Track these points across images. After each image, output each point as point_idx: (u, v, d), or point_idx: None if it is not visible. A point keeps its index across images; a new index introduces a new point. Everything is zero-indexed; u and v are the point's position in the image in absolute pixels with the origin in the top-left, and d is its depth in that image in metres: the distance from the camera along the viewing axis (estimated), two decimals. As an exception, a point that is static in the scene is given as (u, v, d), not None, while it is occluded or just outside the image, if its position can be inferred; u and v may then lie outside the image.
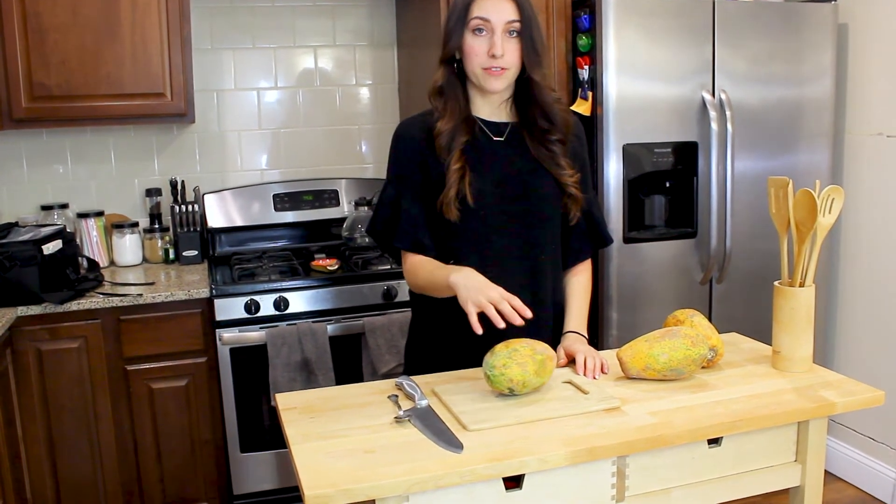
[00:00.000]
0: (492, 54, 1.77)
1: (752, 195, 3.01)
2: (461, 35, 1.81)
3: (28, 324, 2.65)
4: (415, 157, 1.87)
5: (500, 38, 1.77)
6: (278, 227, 3.43)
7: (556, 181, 1.88)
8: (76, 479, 2.78)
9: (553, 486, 1.46)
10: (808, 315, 1.74)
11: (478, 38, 1.79)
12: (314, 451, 1.42)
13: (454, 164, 1.80)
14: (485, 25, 1.78)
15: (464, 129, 1.83)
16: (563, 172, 1.87)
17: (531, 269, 1.89)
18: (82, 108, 2.91)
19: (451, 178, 1.79)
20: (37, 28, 2.82)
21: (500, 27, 1.78)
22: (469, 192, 1.80)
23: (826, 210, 1.71)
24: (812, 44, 3.04)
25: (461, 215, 1.81)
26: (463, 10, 1.80)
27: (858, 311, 3.26)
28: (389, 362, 2.84)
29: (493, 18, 1.78)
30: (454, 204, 1.80)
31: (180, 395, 2.84)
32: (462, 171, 1.80)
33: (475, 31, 1.79)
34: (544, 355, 1.62)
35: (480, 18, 1.78)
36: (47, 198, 3.25)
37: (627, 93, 2.84)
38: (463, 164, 1.81)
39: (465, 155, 1.82)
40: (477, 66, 1.80)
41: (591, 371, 1.75)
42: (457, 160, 1.80)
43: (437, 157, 1.83)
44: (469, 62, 1.81)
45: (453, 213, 1.80)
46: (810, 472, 1.66)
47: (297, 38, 3.49)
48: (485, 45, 1.78)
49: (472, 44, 1.80)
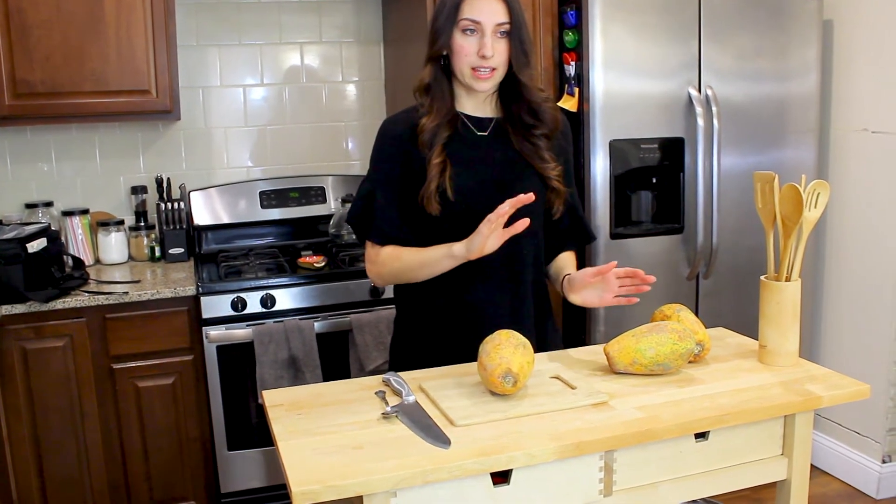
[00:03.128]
0: (482, 55, 1.78)
1: (738, 190, 3.02)
2: (450, 34, 1.81)
3: (13, 322, 2.63)
4: (395, 153, 1.88)
5: (489, 38, 1.78)
6: (265, 224, 3.42)
7: (539, 175, 1.89)
8: (62, 478, 2.76)
9: (541, 480, 1.46)
10: (794, 309, 1.74)
11: (467, 38, 1.80)
12: (301, 448, 1.42)
13: (435, 159, 1.81)
14: (475, 26, 1.79)
15: (447, 125, 1.84)
16: (547, 166, 1.88)
17: (511, 264, 1.89)
18: (67, 106, 2.89)
19: (432, 172, 1.81)
20: (20, 24, 2.79)
21: (489, 28, 1.78)
22: (449, 185, 1.81)
23: (812, 204, 1.72)
24: (797, 40, 3.05)
25: (442, 209, 1.82)
26: (453, 10, 1.80)
27: (844, 305, 3.28)
28: (377, 359, 2.84)
29: (483, 20, 1.78)
30: (435, 198, 1.81)
31: (167, 394, 2.83)
32: (443, 165, 1.81)
33: (465, 31, 1.79)
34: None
35: (471, 20, 1.79)
36: (32, 196, 3.23)
37: (614, 89, 2.84)
38: (444, 158, 1.82)
39: (447, 149, 1.83)
40: (465, 66, 1.81)
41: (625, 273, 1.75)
42: (438, 154, 1.81)
43: (421, 152, 1.83)
44: (458, 61, 1.82)
45: (434, 207, 1.81)
46: (796, 466, 1.67)
47: (284, 34, 3.48)
48: (474, 45, 1.79)
49: (462, 43, 1.80)
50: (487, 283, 1.87)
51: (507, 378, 1.54)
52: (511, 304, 1.91)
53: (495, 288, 1.88)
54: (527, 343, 1.62)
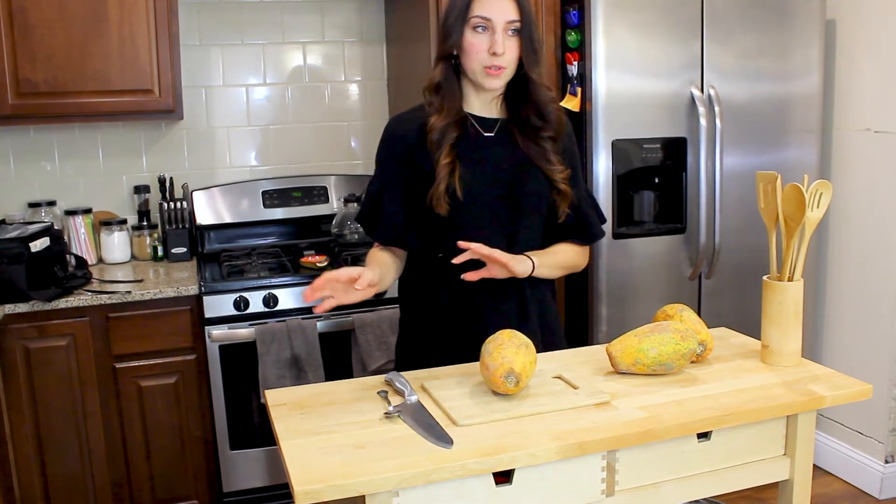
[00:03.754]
0: (493, 52, 1.78)
1: (740, 190, 3.02)
2: (461, 32, 1.81)
3: (15, 322, 2.63)
4: (401, 154, 1.89)
5: (500, 35, 1.78)
6: (267, 223, 3.42)
7: (546, 177, 1.88)
8: (65, 477, 2.77)
9: (543, 480, 1.46)
10: (796, 309, 1.74)
11: (478, 36, 1.80)
12: (304, 448, 1.42)
13: (444, 159, 1.81)
14: (486, 24, 1.79)
15: (456, 124, 1.84)
16: (553, 168, 1.88)
17: None
18: (69, 105, 2.89)
19: (441, 173, 1.81)
20: (23, 24, 2.79)
21: (500, 26, 1.79)
22: (459, 186, 1.81)
23: (814, 205, 1.72)
24: (800, 39, 3.04)
25: (451, 209, 1.82)
26: (464, 8, 1.80)
27: (846, 305, 3.27)
28: (379, 358, 2.84)
29: (494, 17, 1.78)
30: (444, 198, 1.81)
31: (169, 393, 2.83)
32: (452, 165, 1.81)
33: (476, 28, 1.80)
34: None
35: (482, 17, 1.79)
36: (35, 195, 3.23)
37: (616, 88, 2.84)
38: (453, 158, 1.82)
39: (454, 150, 1.83)
40: (477, 64, 1.81)
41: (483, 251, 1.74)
42: (446, 155, 1.82)
43: (428, 152, 1.83)
44: (469, 59, 1.82)
45: (443, 208, 1.81)
46: (799, 466, 1.67)
47: (286, 34, 3.48)
48: (485, 43, 1.79)
49: (473, 41, 1.80)
50: (492, 286, 1.87)
51: (509, 378, 1.54)
52: (516, 306, 1.91)
53: (500, 290, 1.88)
54: (529, 343, 1.62)
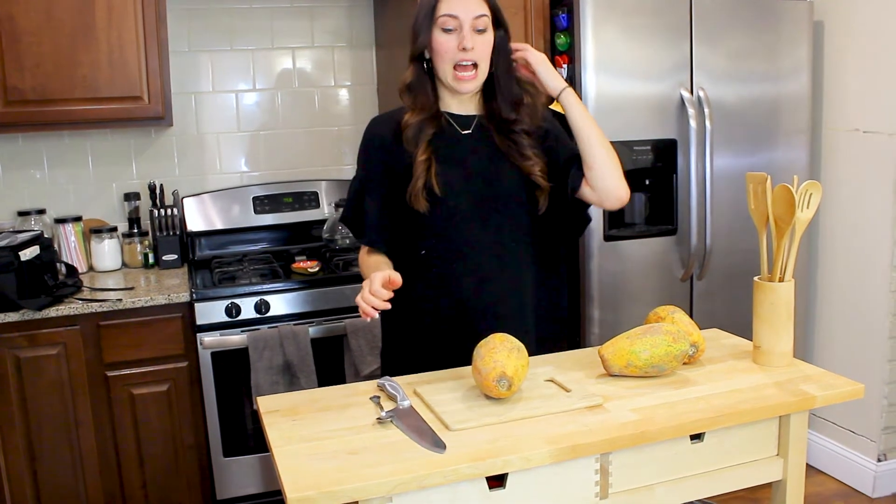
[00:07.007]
0: (462, 47, 1.79)
1: (731, 192, 3.02)
2: (429, 33, 1.83)
3: (6, 331, 2.62)
4: (379, 154, 1.91)
5: (468, 32, 1.80)
6: (258, 229, 3.41)
7: (522, 172, 1.89)
8: (57, 487, 2.75)
9: (537, 484, 1.46)
10: (787, 310, 1.75)
11: (446, 35, 1.81)
12: (297, 454, 1.42)
13: (421, 156, 1.83)
14: (453, 22, 1.80)
15: (431, 122, 1.86)
16: (528, 163, 1.89)
17: (500, 261, 1.90)
18: (58, 112, 2.88)
19: (418, 170, 1.82)
20: (10, 31, 2.78)
21: (468, 22, 1.80)
22: (436, 182, 1.82)
23: (804, 205, 1.72)
24: (788, 41, 3.06)
25: (430, 206, 1.83)
26: (430, 8, 1.82)
27: (837, 304, 3.28)
28: (371, 364, 2.83)
29: (460, 14, 1.80)
30: (422, 195, 1.82)
31: (162, 401, 2.82)
32: (428, 162, 1.83)
33: (444, 29, 1.81)
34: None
35: (449, 15, 1.80)
36: (24, 203, 3.22)
37: (606, 91, 2.85)
38: (429, 155, 1.84)
39: (431, 146, 1.84)
40: (447, 65, 1.82)
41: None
42: (423, 151, 1.83)
43: (405, 150, 1.84)
44: (440, 61, 1.83)
45: (422, 204, 1.82)
46: (792, 466, 1.67)
47: (276, 39, 3.48)
48: (454, 42, 1.81)
49: (441, 40, 1.82)
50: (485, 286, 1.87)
51: (501, 382, 1.54)
52: (510, 306, 1.91)
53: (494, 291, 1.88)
54: (521, 346, 1.62)
